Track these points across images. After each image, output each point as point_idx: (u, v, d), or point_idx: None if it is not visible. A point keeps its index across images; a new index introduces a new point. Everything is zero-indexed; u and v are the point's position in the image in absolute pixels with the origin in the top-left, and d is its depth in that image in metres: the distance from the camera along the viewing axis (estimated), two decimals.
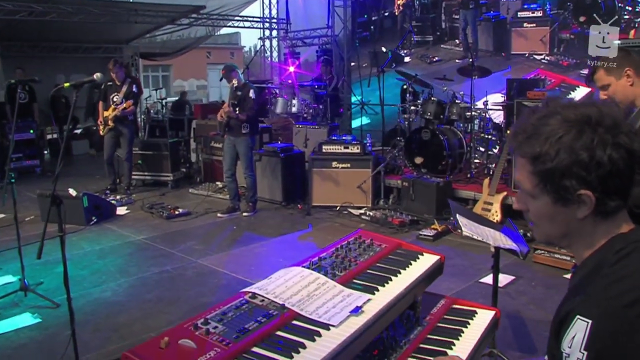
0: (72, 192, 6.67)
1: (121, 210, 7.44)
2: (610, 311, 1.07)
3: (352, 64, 11.62)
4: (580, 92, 7.95)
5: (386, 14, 11.10)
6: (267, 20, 14.30)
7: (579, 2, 8.26)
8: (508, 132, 6.68)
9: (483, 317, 2.30)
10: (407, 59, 10.52)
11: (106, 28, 12.12)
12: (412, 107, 7.97)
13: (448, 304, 2.39)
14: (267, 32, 14.56)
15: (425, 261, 2.29)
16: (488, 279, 4.85)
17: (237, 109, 6.81)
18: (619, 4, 7.68)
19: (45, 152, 11.62)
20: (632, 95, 2.71)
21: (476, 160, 7.62)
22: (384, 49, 10.72)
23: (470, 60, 7.89)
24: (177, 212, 7.19)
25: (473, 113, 7.49)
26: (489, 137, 7.56)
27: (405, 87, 8.71)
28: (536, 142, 1.19)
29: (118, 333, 3.97)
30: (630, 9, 7.59)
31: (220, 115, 6.99)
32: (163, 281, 5.00)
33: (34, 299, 4.47)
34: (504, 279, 4.76)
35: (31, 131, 10.07)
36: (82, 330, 3.75)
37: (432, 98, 7.80)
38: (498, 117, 7.90)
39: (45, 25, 10.59)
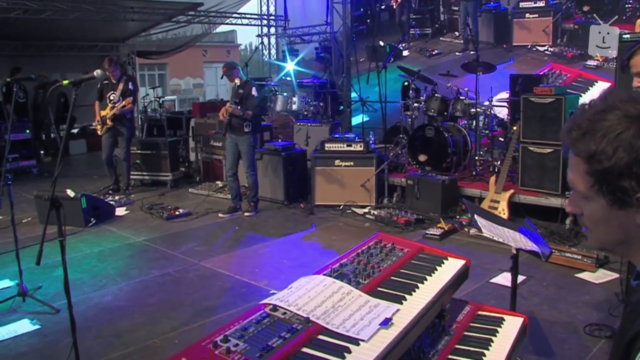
0: (70, 193, 6.51)
1: (120, 211, 7.29)
2: None
3: (350, 59, 11.48)
4: (598, 88, 7.54)
5: (383, 7, 10.92)
6: (265, 17, 14.14)
7: None
8: (514, 128, 6.56)
9: (512, 325, 2.17)
10: (405, 53, 10.32)
11: (102, 26, 11.96)
12: (415, 104, 7.83)
13: (473, 311, 2.26)
14: (265, 30, 14.42)
15: (451, 266, 2.15)
16: (498, 279, 4.75)
17: (239, 107, 6.66)
18: None
19: (42, 152, 11.46)
20: None
21: (481, 158, 7.49)
22: (381, 43, 10.57)
23: (472, 52, 7.73)
24: (177, 213, 7.05)
25: (478, 109, 7.35)
26: (494, 133, 7.44)
27: (407, 83, 8.57)
28: (592, 139, 1.08)
29: (121, 339, 3.83)
30: None
31: (222, 114, 6.82)
32: (165, 284, 4.86)
33: (33, 304, 4.33)
34: None
35: (27, 131, 9.92)
36: (83, 337, 3.63)
37: (436, 94, 7.68)
38: (500, 111, 7.74)
39: (40, 23, 10.42)
